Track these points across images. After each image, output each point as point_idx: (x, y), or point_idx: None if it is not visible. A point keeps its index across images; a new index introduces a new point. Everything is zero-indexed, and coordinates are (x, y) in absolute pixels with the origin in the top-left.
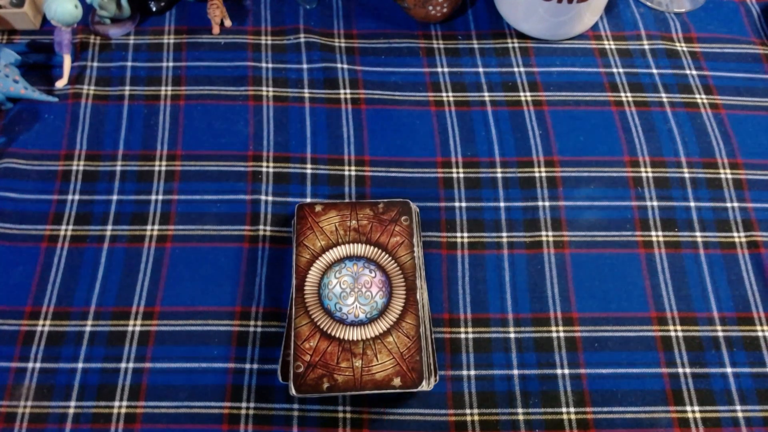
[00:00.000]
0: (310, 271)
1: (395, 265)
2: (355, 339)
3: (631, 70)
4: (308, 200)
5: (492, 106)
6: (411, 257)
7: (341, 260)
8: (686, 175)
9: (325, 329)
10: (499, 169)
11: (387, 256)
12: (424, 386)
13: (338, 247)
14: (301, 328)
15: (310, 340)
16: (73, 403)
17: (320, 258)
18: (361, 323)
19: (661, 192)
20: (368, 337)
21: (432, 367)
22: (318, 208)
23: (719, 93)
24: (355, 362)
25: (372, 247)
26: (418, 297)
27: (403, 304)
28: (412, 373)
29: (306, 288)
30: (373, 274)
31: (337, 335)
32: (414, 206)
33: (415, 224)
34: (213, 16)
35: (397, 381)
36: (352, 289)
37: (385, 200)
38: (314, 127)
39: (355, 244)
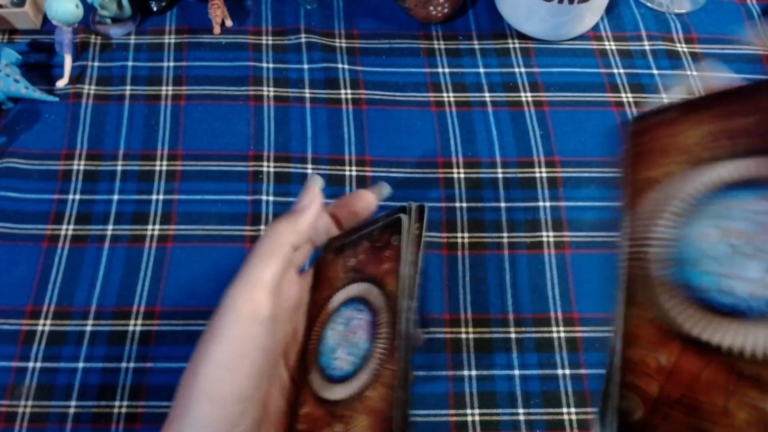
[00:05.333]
0: (313, 328)
1: (382, 297)
2: (339, 398)
3: (632, 70)
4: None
5: (493, 107)
6: (395, 285)
7: (338, 308)
8: None
9: (317, 392)
10: (500, 170)
11: (377, 289)
12: None
13: (337, 294)
14: (300, 395)
15: (305, 406)
16: (73, 403)
17: (323, 311)
18: (346, 377)
19: None
20: (350, 394)
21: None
22: (329, 257)
23: None
24: (336, 428)
25: (365, 284)
26: (400, 328)
27: (384, 345)
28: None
29: (309, 347)
30: (361, 316)
31: (325, 396)
32: (405, 218)
33: (407, 239)
34: (214, 16)
35: None
36: (343, 338)
37: (381, 219)
38: (315, 127)
39: (351, 285)
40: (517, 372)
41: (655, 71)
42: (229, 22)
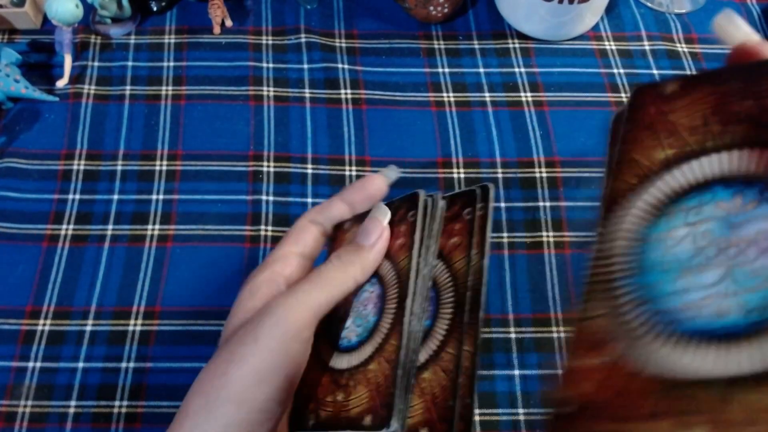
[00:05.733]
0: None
1: (393, 273)
2: (343, 367)
3: (632, 70)
4: None
5: (493, 107)
6: (407, 261)
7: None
8: None
9: (324, 358)
10: (500, 170)
11: (389, 263)
12: (394, 425)
13: None
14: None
15: (312, 370)
16: (73, 403)
17: None
18: (353, 347)
19: None
20: (353, 364)
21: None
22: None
23: None
24: (338, 396)
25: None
26: (407, 307)
27: (390, 320)
28: (383, 410)
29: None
30: (372, 289)
31: (331, 364)
32: (423, 197)
33: (421, 219)
34: (214, 16)
35: (368, 419)
36: (353, 309)
37: (394, 200)
38: (315, 127)
39: None
40: (517, 372)
41: (655, 71)
42: (229, 22)
